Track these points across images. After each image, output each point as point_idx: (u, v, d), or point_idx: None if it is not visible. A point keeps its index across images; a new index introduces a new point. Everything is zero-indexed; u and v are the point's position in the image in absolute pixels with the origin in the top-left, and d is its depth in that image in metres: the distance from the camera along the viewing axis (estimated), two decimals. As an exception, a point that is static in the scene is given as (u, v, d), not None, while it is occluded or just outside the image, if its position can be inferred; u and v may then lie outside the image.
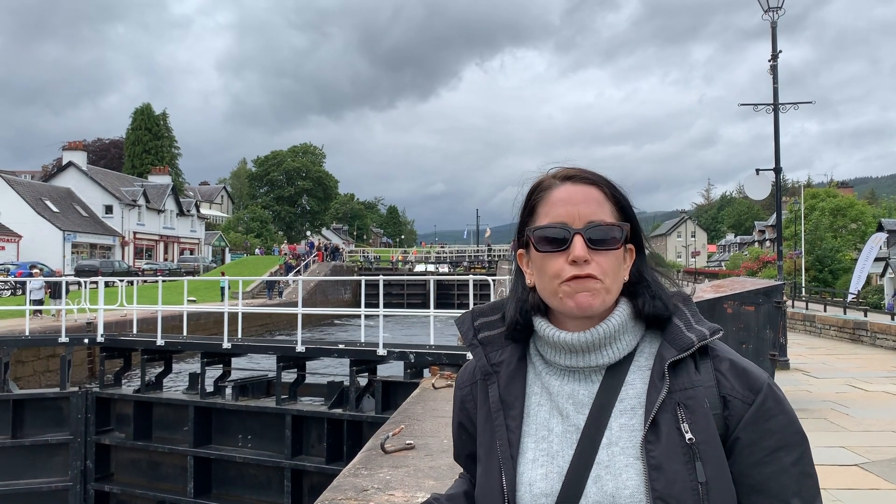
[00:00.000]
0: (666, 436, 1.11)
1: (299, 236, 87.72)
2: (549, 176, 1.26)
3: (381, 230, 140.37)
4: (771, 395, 1.16)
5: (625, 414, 1.16)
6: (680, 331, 1.19)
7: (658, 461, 1.10)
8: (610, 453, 1.14)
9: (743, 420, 1.14)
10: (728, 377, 1.16)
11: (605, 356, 1.20)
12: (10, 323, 21.05)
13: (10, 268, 43.18)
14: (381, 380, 11.99)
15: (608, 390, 1.19)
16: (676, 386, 1.15)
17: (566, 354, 1.22)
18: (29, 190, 57.35)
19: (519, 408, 1.24)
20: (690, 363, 1.17)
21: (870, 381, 10.68)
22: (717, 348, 1.20)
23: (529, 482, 1.18)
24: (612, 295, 1.19)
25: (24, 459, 13.48)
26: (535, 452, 1.20)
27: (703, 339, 1.17)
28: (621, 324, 1.20)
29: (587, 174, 1.23)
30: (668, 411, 1.13)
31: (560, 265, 1.18)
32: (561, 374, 1.24)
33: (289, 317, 33.46)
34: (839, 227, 48.18)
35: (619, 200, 1.22)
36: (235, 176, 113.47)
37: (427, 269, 58.63)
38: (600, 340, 1.20)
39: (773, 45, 13.28)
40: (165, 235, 69.62)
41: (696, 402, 1.14)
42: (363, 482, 5.29)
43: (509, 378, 1.27)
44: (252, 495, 12.52)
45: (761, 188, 14.01)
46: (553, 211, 1.21)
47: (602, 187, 1.22)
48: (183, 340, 14.72)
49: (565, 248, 1.17)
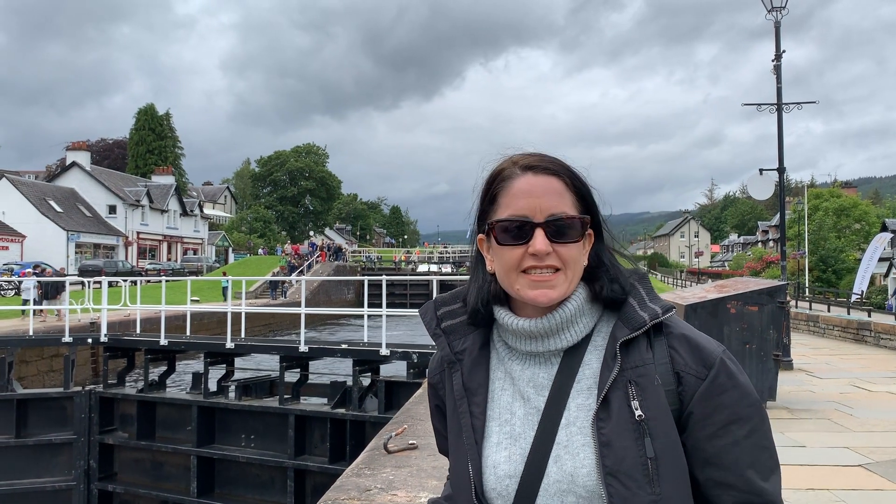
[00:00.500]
0: (616, 413, 1.13)
1: (302, 236, 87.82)
2: (510, 163, 1.25)
3: (384, 230, 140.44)
4: (724, 369, 1.17)
5: (581, 394, 1.18)
6: (633, 310, 1.21)
7: (608, 438, 1.12)
8: (568, 433, 1.16)
9: (696, 395, 1.15)
10: (681, 353, 1.18)
11: (562, 340, 1.22)
12: (14, 323, 21.10)
13: (13, 268, 43.28)
14: (384, 380, 12.00)
15: (566, 372, 1.21)
16: (628, 364, 1.16)
17: (525, 340, 1.24)
18: (33, 190, 57.46)
19: (483, 394, 1.26)
20: (643, 341, 1.19)
21: (873, 381, 10.66)
22: (671, 325, 1.21)
23: (494, 465, 1.20)
24: (572, 284, 1.21)
25: (28, 459, 13.52)
26: (498, 436, 1.22)
27: (655, 317, 1.19)
28: (577, 308, 1.22)
29: (548, 163, 1.23)
30: (619, 389, 1.15)
31: (520, 256, 1.19)
32: (522, 358, 1.26)
33: (292, 317, 33.50)
34: (843, 228, 48.13)
35: (579, 189, 1.23)
36: (239, 176, 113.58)
37: (430, 270, 58.61)
38: (557, 326, 1.21)
39: (776, 45, 13.25)
40: (169, 235, 69.72)
41: (646, 379, 1.15)
42: (366, 482, 5.29)
43: (472, 365, 1.29)
44: (255, 495, 12.53)
45: (765, 188, 13.99)
46: (514, 203, 1.20)
47: (563, 177, 1.22)
48: (186, 340, 14.75)
49: (526, 241, 1.18)
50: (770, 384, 8.30)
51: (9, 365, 14.06)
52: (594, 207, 1.25)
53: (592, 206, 1.24)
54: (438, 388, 1.37)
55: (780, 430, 7.25)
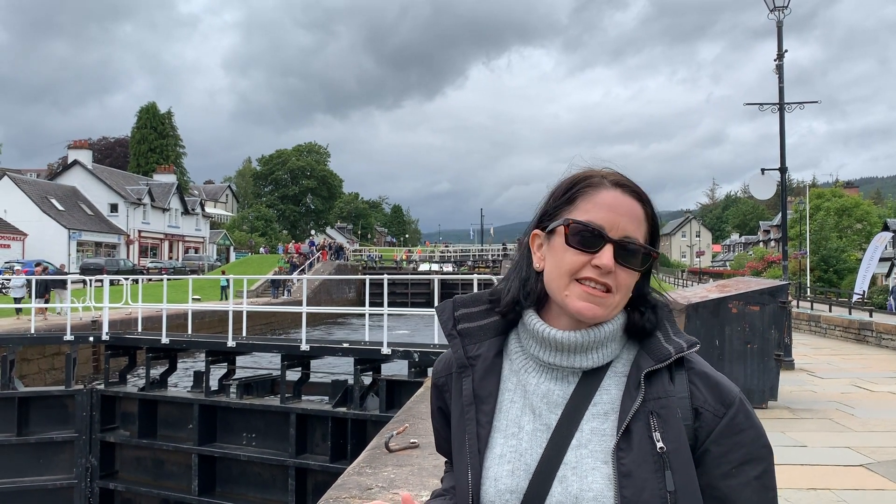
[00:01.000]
0: (637, 444, 1.12)
1: (304, 235, 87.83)
2: (599, 174, 1.24)
3: (385, 229, 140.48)
4: (742, 409, 1.17)
5: (597, 418, 1.17)
6: (658, 342, 1.21)
7: (628, 468, 1.11)
8: (578, 455, 1.15)
9: (714, 432, 1.15)
10: (701, 389, 1.18)
11: (589, 359, 1.21)
12: (13, 321, 21.12)
13: (15, 266, 43.31)
14: (385, 378, 12.01)
15: (583, 393, 1.20)
16: (651, 395, 1.16)
17: (551, 351, 1.22)
18: (34, 188, 57.52)
19: (492, 403, 1.24)
20: (665, 374, 1.18)
21: (875, 381, 10.66)
22: (692, 361, 1.21)
23: (495, 477, 1.19)
24: (617, 310, 1.21)
25: (30, 457, 13.53)
26: (503, 448, 1.20)
27: (680, 351, 1.19)
28: (613, 332, 1.21)
29: (638, 189, 1.23)
30: (641, 420, 1.14)
31: (581, 263, 1.18)
32: (539, 371, 1.24)
33: (293, 315, 33.52)
34: (844, 227, 48.09)
35: (654, 224, 1.24)
36: (240, 175, 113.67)
37: (431, 269, 58.62)
38: (590, 343, 1.21)
39: (778, 45, 13.24)
40: (170, 234, 69.77)
41: (668, 411, 1.15)
42: (367, 480, 5.29)
43: (485, 372, 1.26)
44: (256, 493, 12.54)
45: (766, 188, 13.98)
46: (595, 211, 1.19)
47: (646, 206, 1.23)
48: (188, 339, 14.75)
49: (594, 251, 1.17)
50: (771, 384, 8.30)
51: (10, 363, 14.08)
52: (658, 245, 1.26)
53: (657, 243, 1.26)
54: (444, 390, 1.35)
55: (781, 429, 7.26)
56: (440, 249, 77.47)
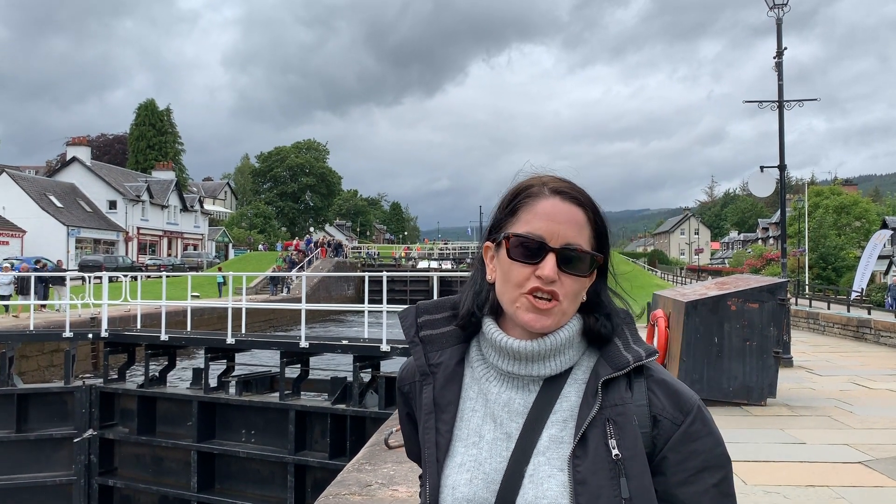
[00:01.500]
0: (593, 451, 1.13)
1: (302, 232, 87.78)
2: (540, 182, 1.24)
3: (384, 226, 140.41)
4: (700, 417, 1.17)
5: (556, 425, 1.17)
6: (617, 350, 1.21)
7: (584, 476, 1.11)
8: (536, 463, 1.15)
9: (671, 440, 1.15)
10: (660, 397, 1.18)
11: (546, 367, 1.21)
12: (12, 318, 21.10)
13: (14, 263, 43.27)
14: (384, 375, 12.02)
15: (544, 401, 1.20)
16: (608, 402, 1.16)
17: (509, 360, 1.22)
18: (33, 185, 57.45)
19: (452, 411, 1.24)
20: (623, 381, 1.19)
21: (873, 378, 10.67)
22: (652, 369, 1.21)
23: (453, 486, 1.18)
24: (566, 317, 1.20)
25: (29, 453, 13.54)
26: (463, 457, 1.20)
27: (638, 359, 1.19)
28: (568, 338, 1.21)
29: (577, 193, 1.22)
30: (597, 427, 1.14)
31: (526, 275, 1.17)
32: (500, 380, 1.23)
33: (292, 313, 33.52)
34: (843, 225, 48.15)
35: (598, 227, 1.23)
36: (239, 172, 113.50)
37: (430, 266, 58.59)
38: (546, 352, 1.21)
39: (778, 42, 13.24)
40: (169, 231, 69.72)
41: (625, 418, 1.15)
42: (367, 477, 5.30)
43: (445, 380, 1.26)
44: (255, 490, 12.56)
45: (765, 185, 13.99)
46: (535, 221, 1.19)
47: (587, 210, 1.21)
48: (187, 336, 14.76)
49: (536, 262, 1.17)
50: (770, 381, 8.31)
51: (9, 360, 14.08)
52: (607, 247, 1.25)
53: (605, 246, 1.24)
54: (409, 397, 1.34)
55: (780, 427, 7.27)
56: (439, 247, 77.39)
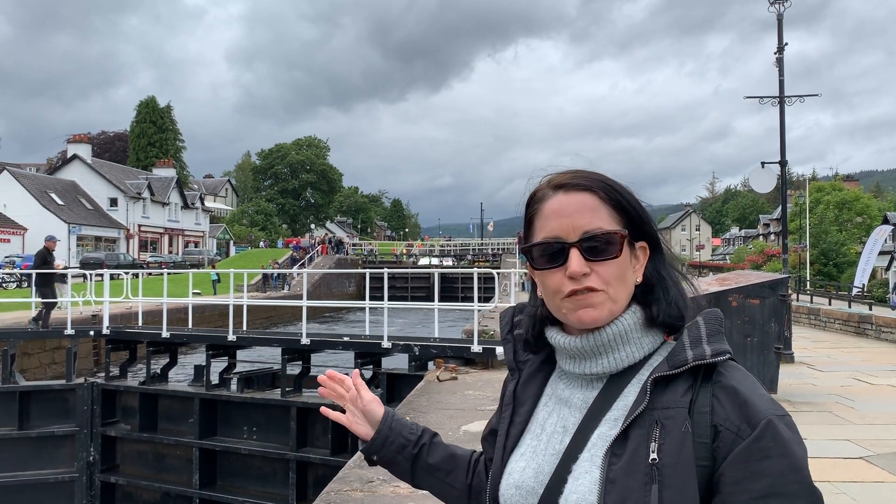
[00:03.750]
0: (631, 451, 1.06)
1: (304, 229, 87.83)
2: (545, 183, 1.21)
3: (385, 223, 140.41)
4: (771, 433, 1.03)
5: (607, 423, 1.13)
6: (682, 346, 1.13)
7: (615, 475, 1.06)
8: (581, 459, 1.13)
9: (731, 455, 1.03)
10: (724, 405, 1.06)
11: (599, 364, 1.17)
12: (16, 315, 21.13)
13: (15, 260, 43.32)
14: (385, 372, 12.03)
15: (603, 399, 1.16)
16: (658, 403, 1.08)
17: (568, 359, 1.22)
18: (34, 183, 57.48)
19: (529, 405, 1.26)
20: (683, 383, 1.10)
21: (875, 374, 10.67)
22: (724, 373, 1.10)
23: (510, 471, 1.22)
24: (618, 303, 1.15)
25: (31, 451, 13.55)
26: (525, 447, 1.23)
27: (699, 359, 1.09)
28: (622, 331, 1.16)
29: (580, 180, 1.18)
30: (642, 427, 1.07)
31: (559, 280, 1.15)
32: (569, 378, 1.24)
33: (293, 309, 33.53)
34: (844, 221, 48.11)
35: (618, 202, 1.17)
36: (240, 169, 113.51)
37: (431, 263, 58.63)
38: (596, 347, 1.17)
39: (779, 38, 13.22)
40: (170, 228, 69.75)
41: (674, 423, 1.06)
42: (369, 473, 5.31)
43: (528, 377, 1.29)
44: (257, 487, 12.57)
45: (767, 181, 13.99)
46: (547, 225, 1.17)
47: (596, 192, 1.16)
48: (188, 333, 14.77)
49: (562, 263, 1.14)
50: (771, 377, 8.32)
51: (11, 357, 14.09)
52: (641, 220, 1.19)
53: (638, 218, 1.18)
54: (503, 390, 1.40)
55: (781, 422, 7.27)
56: (440, 243, 77.42)
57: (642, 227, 1.19)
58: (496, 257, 59.99)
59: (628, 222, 1.17)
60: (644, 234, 1.19)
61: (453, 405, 8.12)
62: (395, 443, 1.43)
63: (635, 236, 1.18)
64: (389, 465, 1.45)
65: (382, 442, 1.43)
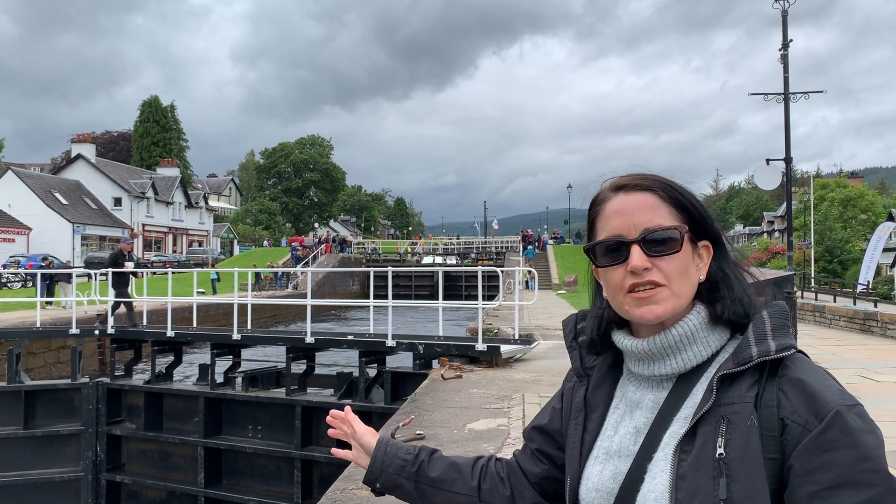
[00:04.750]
0: (699, 448, 1.09)
1: (307, 228, 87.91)
2: (605, 188, 1.26)
3: (388, 222, 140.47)
4: (839, 423, 1.03)
5: (678, 422, 1.15)
6: (747, 343, 1.14)
7: (685, 471, 1.09)
8: (656, 458, 1.15)
9: (799, 447, 1.05)
10: (791, 398, 1.08)
11: (668, 366, 1.19)
12: (21, 315, 21.19)
13: (20, 260, 43.43)
14: (390, 371, 12.03)
15: (674, 398, 1.18)
16: (725, 400, 1.11)
17: (636, 362, 1.24)
18: (38, 182, 57.62)
19: (601, 411, 1.29)
20: (749, 378, 1.11)
21: (880, 371, 10.64)
22: (791, 367, 1.11)
23: (587, 476, 1.25)
24: (681, 299, 1.17)
25: (37, 450, 13.59)
26: (598, 451, 1.26)
27: (764, 354, 1.10)
28: (690, 331, 1.18)
29: (639, 181, 1.22)
30: (710, 424, 1.10)
31: (621, 276, 1.18)
32: (638, 379, 1.26)
33: (297, 308, 33.53)
34: (849, 218, 47.96)
35: (677, 201, 1.20)
36: (243, 168, 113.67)
37: (434, 261, 58.61)
38: (664, 348, 1.19)
39: (783, 35, 13.18)
40: (174, 227, 69.88)
41: (740, 418, 1.08)
42: (374, 472, 5.30)
43: (597, 382, 1.32)
44: (262, 485, 12.59)
45: (772, 178, 13.95)
46: (609, 224, 1.21)
47: (656, 191, 1.20)
48: (193, 332, 14.78)
49: (623, 259, 1.18)
50: (777, 374, 8.29)
51: (16, 356, 14.12)
52: (702, 218, 1.22)
53: (699, 217, 1.22)
54: (566, 392, 1.41)
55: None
56: (444, 242, 77.38)
57: (704, 226, 1.22)
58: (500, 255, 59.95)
59: (689, 221, 1.20)
60: (706, 233, 1.22)
61: (458, 403, 8.11)
62: (392, 465, 1.45)
63: (698, 235, 1.21)
64: (394, 490, 1.47)
65: (380, 467, 1.45)
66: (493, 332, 13.99)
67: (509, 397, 8.39)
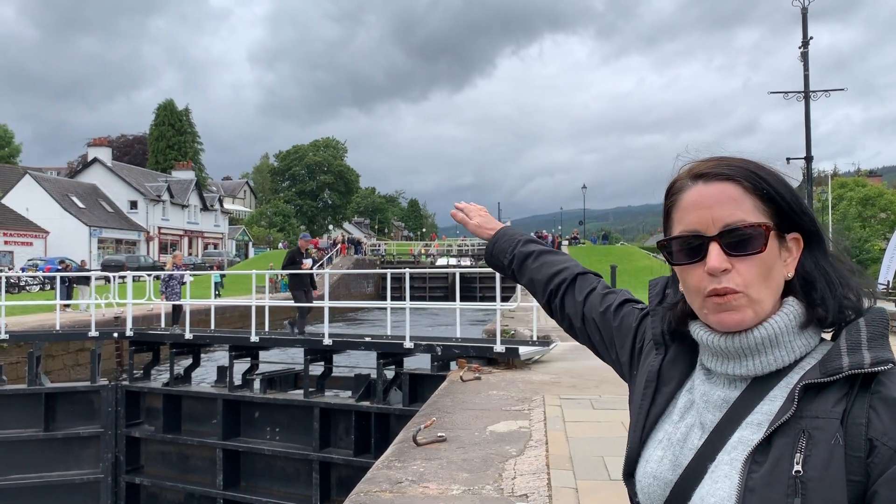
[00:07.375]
0: (774, 460, 1.00)
1: (321, 230, 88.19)
2: (686, 172, 1.14)
3: (402, 223, 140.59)
4: None
5: (749, 427, 1.06)
6: (838, 351, 1.04)
7: (755, 484, 1.00)
8: (719, 461, 1.07)
9: (888, 472, 0.95)
10: (883, 419, 0.97)
11: (744, 367, 1.10)
12: (40, 318, 21.34)
13: (38, 263, 43.79)
14: (408, 372, 12.00)
15: (746, 400, 1.09)
16: (807, 412, 1.01)
17: (710, 356, 1.15)
18: (55, 186, 58.13)
19: (672, 386, 1.20)
20: (837, 392, 1.01)
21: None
22: (886, 382, 1.00)
23: (647, 459, 1.17)
24: (762, 305, 1.07)
25: (57, 452, 13.68)
26: (664, 433, 1.17)
27: (856, 367, 1.00)
28: (770, 336, 1.08)
29: (722, 168, 1.10)
30: (787, 436, 1.01)
31: (699, 277, 1.08)
32: (709, 372, 1.17)
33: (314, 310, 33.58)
34: (868, 217, 47.50)
35: (765, 192, 1.09)
36: (258, 171, 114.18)
37: (449, 263, 58.59)
38: (740, 350, 1.09)
39: (803, 32, 13.05)
40: (189, 230, 70.27)
41: (823, 434, 0.99)
42: (397, 474, 5.28)
43: (676, 355, 1.22)
44: (280, 487, 12.60)
45: (791, 178, 13.80)
46: (686, 217, 1.11)
47: (739, 181, 1.09)
48: (211, 334, 14.84)
49: (701, 258, 1.08)
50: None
51: (37, 359, 14.22)
52: (792, 210, 1.10)
53: (789, 208, 1.10)
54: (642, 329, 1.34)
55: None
56: (458, 243, 77.30)
57: (794, 218, 1.11)
58: (514, 256, 59.64)
59: (777, 213, 1.09)
60: (796, 225, 1.11)
61: (478, 405, 8.07)
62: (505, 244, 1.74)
63: (786, 227, 1.10)
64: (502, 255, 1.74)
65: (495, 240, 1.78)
66: (510, 333, 13.95)
67: (529, 399, 8.35)
